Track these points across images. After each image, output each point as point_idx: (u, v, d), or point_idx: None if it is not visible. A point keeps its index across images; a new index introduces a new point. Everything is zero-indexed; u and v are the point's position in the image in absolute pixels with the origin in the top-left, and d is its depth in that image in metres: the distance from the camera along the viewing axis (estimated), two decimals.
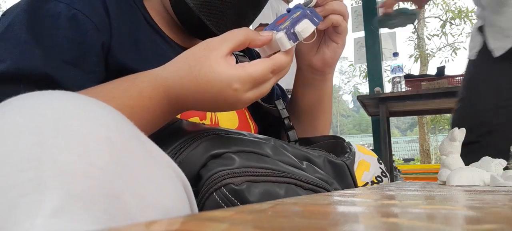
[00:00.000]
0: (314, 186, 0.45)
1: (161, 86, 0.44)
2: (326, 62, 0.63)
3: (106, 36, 0.52)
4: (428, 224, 0.17)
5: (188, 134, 0.45)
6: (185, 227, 0.16)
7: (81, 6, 0.50)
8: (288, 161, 0.46)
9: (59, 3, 0.49)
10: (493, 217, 0.20)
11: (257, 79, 0.43)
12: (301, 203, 0.25)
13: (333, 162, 0.52)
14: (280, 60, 0.45)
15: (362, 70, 9.48)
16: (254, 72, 0.43)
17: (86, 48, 0.49)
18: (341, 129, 31.98)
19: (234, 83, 0.42)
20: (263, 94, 0.46)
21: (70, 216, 0.19)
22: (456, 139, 0.61)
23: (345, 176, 0.53)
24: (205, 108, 0.46)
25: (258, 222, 0.17)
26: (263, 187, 0.41)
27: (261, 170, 0.42)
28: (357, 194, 0.36)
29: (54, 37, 0.47)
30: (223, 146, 0.43)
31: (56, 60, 0.46)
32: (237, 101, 0.44)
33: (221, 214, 0.20)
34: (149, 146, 0.28)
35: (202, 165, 0.42)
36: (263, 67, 0.43)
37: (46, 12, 0.48)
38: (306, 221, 0.18)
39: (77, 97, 0.26)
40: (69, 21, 0.48)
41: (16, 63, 0.44)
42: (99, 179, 0.21)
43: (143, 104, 0.43)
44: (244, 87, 0.43)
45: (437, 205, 0.26)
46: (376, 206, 0.25)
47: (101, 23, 0.51)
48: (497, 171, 0.57)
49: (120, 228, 0.16)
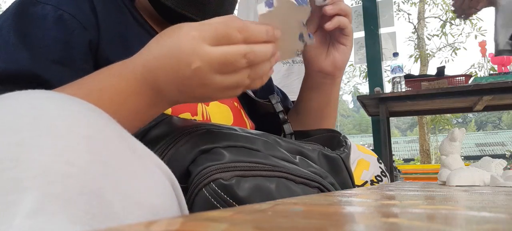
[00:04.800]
0: (306, 179, 0.44)
1: (132, 60, 0.41)
2: (336, 65, 0.64)
3: (93, 35, 0.52)
4: (428, 224, 0.17)
5: (178, 129, 0.44)
6: (185, 227, 0.16)
7: (67, 6, 0.51)
8: (280, 155, 0.45)
9: (46, 5, 0.50)
10: (493, 217, 0.20)
11: (217, 29, 0.38)
12: (301, 203, 0.25)
13: (328, 155, 0.51)
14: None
15: (362, 70, 9.48)
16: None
17: (73, 47, 0.50)
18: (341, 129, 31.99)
19: (191, 30, 0.38)
20: (238, 85, 0.41)
21: (49, 217, 0.19)
22: (456, 139, 0.61)
23: (340, 169, 0.52)
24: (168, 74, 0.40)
25: (258, 222, 0.17)
26: (253, 182, 0.40)
27: (251, 164, 0.41)
28: (357, 194, 0.36)
29: (41, 38, 0.48)
30: (213, 141, 0.42)
31: (45, 60, 0.47)
32: (193, 53, 0.38)
33: (221, 214, 0.20)
34: (133, 144, 0.28)
35: (191, 161, 0.41)
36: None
37: (33, 15, 0.49)
38: (306, 221, 0.18)
39: (56, 97, 0.25)
40: (56, 21, 0.49)
41: (5, 65, 0.45)
42: (79, 178, 0.21)
43: (111, 84, 0.41)
44: (201, 35, 0.38)
45: (437, 205, 0.26)
46: (376, 206, 0.25)
47: (87, 22, 0.52)
48: (497, 171, 0.57)
49: (120, 228, 0.16)
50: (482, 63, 2.69)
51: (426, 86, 2.44)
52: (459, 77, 2.44)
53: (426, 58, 9.58)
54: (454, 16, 1.71)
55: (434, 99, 2.30)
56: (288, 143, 0.49)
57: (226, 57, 0.38)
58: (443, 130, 11.98)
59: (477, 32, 8.67)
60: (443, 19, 9.63)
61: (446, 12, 9.51)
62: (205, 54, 0.38)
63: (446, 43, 9.96)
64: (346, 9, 0.58)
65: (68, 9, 0.50)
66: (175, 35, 0.39)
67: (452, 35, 9.79)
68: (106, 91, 0.40)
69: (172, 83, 0.40)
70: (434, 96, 2.26)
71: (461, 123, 27.44)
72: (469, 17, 1.34)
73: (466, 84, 2.29)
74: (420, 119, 9.13)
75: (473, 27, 8.71)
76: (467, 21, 8.88)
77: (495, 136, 24.54)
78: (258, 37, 0.40)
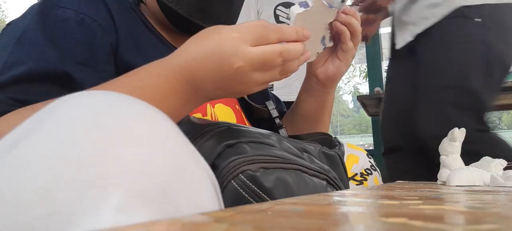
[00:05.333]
0: (317, 172, 0.47)
1: (166, 61, 0.44)
2: (328, 76, 0.65)
3: (113, 38, 0.54)
4: (428, 224, 0.17)
5: (199, 126, 0.46)
6: (185, 228, 0.16)
7: (88, 11, 0.52)
8: (291, 151, 0.48)
9: (66, 9, 0.51)
10: (493, 217, 0.20)
11: (256, 30, 0.42)
12: (301, 203, 0.26)
13: (327, 153, 0.55)
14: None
15: (362, 70, 9.47)
16: (252, 22, 0.43)
17: (96, 49, 0.51)
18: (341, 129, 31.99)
19: (231, 32, 0.42)
20: (271, 80, 0.45)
21: (133, 213, 0.20)
22: (456, 139, 0.61)
23: (337, 165, 0.56)
24: (209, 75, 0.43)
25: (258, 222, 0.17)
26: (275, 174, 0.42)
27: (271, 158, 0.44)
28: (357, 194, 0.36)
29: (66, 40, 0.49)
30: (235, 137, 0.45)
31: (71, 61, 0.49)
32: (235, 54, 0.42)
33: (221, 214, 0.20)
34: (193, 148, 0.29)
35: (217, 155, 0.43)
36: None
37: (56, 18, 0.50)
38: (306, 221, 0.18)
39: (129, 99, 0.27)
40: (78, 25, 0.51)
41: (37, 64, 0.46)
42: (157, 178, 0.22)
43: (152, 83, 0.43)
44: (242, 36, 0.42)
45: (437, 205, 0.26)
46: (376, 206, 0.25)
47: (107, 26, 0.53)
48: (497, 171, 0.57)
49: (121, 228, 0.16)
50: None
51: None
52: None
53: None
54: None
55: None
56: (292, 142, 0.52)
57: (265, 56, 0.42)
58: None
59: None
60: None
61: None
62: (247, 54, 0.42)
63: None
64: (355, 28, 0.59)
65: (89, 13, 0.52)
66: (215, 37, 0.42)
67: None
68: (147, 90, 0.42)
69: (211, 81, 0.43)
70: None
71: None
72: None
73: None
74: None
75: None
76: None
77: None
78: (290, 37, 0.45)
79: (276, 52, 0.43)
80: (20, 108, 0.43)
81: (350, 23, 0.58)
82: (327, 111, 0.73)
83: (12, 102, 0.43)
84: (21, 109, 0.43)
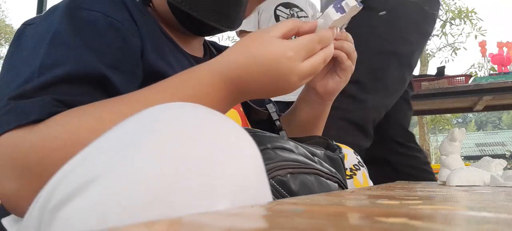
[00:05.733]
0: (331, 175, 0.51)
1: (217, 70, 0.46)
2: (327, 90, 0.68)
3: (138, 41, 0.54)
4: (428, 224, 0.17)
5: None
6: (185, 228, 0.16)
7: (114, 14, 0.52)
8: (307, 155, 0.51)
9: (92, 11, 0.50)
10: (493, 217, 0.20)
11: (307, 46, 0.47)
12: (301, 203, 0.26)
13: (331, 156, 0.58)
14: (324, 32, 0.50)
15: None
16: (303, 40, 0.47)
17: (127, 53, 0.51)
18: None
19: (287, 51, 0.46)
20: (315, 68, 0.49)
21: None
22: (456, 139, 0.61)
23: (340, 168, 0.59)
24: (261, 87, 0.48)
25: (258, 222, 0.17)
26: (299, 178, 0.46)
27: (294, 163, 0.47)
28: (357, 194, 0.36)
29: (98, 42, 0.49)
30: (262, 143, 0.47)
31: (105, 64, 0.48)
32: (291, 72, 0.46)
33: (221, 214, 0.20)
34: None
35: None
36: (310, 37, 0.48)
37: (84, 20, 0.49)
38: (306, 221, 0.18)
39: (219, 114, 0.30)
40: (108, 28, 0.50)
41: (76, 66, 0.45)
42: (251, 192, 0.25)
43: (205, 92, 0.46)
44: (297, 55, 0.47)
45: (437, 205, 0.26)
46: (376, 206, 0.25)
47: (133, 29, 0.53)
48: (497, 171, 0.57)
49: (120, 228, 0.16)
50: (482, 63, 2.69)
51: (426, 86, 2.43)
52: (459, 77, 2.43)
53: (426, 58, 9.57)
54: None
55: (434, 99, 2.30)
56: (301, 146, 0.55)
57: (314, 68, 0.49)
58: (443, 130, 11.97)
59: (477, 32, 8.66)
60: (443, 19, 9.62)
61: (446, 12, 9.50)
62: (301, 71, 0.47)
63: (446, 43, 9.95)
64: (348, 49, 0.63)
65: (116, 16, 0.51)
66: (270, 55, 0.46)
67: (452, 35, 9.76)
68: (199, 99, 0.45)
69: (262, 90, 0.49)
70: (434, 96, 2.26)
71: (461, 123, 27.43)
72: None
73: (466, 84, 2.28)
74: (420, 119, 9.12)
75: (473, 27, 8.70)
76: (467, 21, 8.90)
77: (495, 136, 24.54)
78: (329, 42, 0.51)
79: (322, 61, 0.50)
80: (67, 110, 0.42)
81: (342, 46, 0.62)
82: (322, 121, 0.76)
83: (56, 103, 0.43)
84: (69, 111, 0.42)
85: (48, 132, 0.40)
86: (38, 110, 0.41)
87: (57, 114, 0.42)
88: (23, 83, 0.43)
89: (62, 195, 0.27)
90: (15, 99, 0.42)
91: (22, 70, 0.45)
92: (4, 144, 0.40)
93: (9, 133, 0.40)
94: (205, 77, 0.46)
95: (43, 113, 0.41)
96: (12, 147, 0.40)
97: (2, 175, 0.40)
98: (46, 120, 0.41)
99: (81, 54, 0.47)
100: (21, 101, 0.42)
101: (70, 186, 0.27)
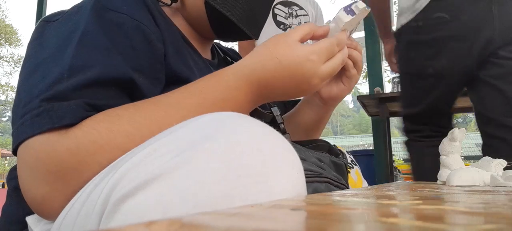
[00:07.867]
0: (339, 183, 0.53)
1: (244, 74, 0.48)
2: (331, 96, 0.69)
3: (161, 45, 0.54)
4: (428, 224, 0.17)
5: None
6: (185, 228, 0.16)
7: (140, 17, 0.51)
8: (317, 163, 0.53)
9: (118, 13, 0.50)
10: (493, 217, 0.20)
11: (328, 49, 0.51)
12: (301, 203, 0.26)
13: (336, 162, 0.60)
14: (341, 35, 0.53)
15: (362, 70, 9.46)
16: (324, 43, 0.50)
17: (152, 57, 0.51)
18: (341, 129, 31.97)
19: (310, 55, 0.49)
20: (334, 70, 0.52)
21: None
22: (456, 139, 0.61)
23: (343, 173, 0.61)
24: (285, 90, 0.50)
25: (258, 222, 0.17)
26: (312, 187, 0.48)
27: (308, 172, 0.48)
28: (357, 194, 0.36)
29: (125, 45, 0.48)
30: None
31: (132, 68, 0.48)
32: (314, 75, 0.49)
33: (221, 214, 0.20)
34: None
35: None
36: (329, 40, 0.51)
37: (111, 21, 0.49)
38: (306, 221, 0.18)
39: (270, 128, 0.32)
40: (134, 30, 0.50)
41: (106, 69, 0.45)
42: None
43: (233, 96, 0.48)
44: (320, 58, 0.50)
45: (437, 205, 0.26)
46: (376, 206, 0.25)
47: (156, 33, 0.53)
48: (497, 171, 0.57)
49: (120, 228, 0.16)
50: None
51: None
52: None
53: None
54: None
55: None
56: (309, 152, 0.57)
57: (334, 70, 0.52)
58: None
59: None
60: None
61: None
62: (323, 73, 0.51)
63: None
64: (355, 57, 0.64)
65: (141, 19, 0.51)
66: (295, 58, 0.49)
67: None
68: (228, 102, 0.48)
69: (285, 93, 0.51)
70: None
71: (461, 123, 27.43)
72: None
73: None
74: None
75: None
76: None
77: None
78: (344, 44, 0.54)
79: (340, 62, 0.53)
80: (96, 114, 0.42)
81: (350, 54, 0.63)
82: (323, 124, 0.77)
83: (88, 107, 0.42)
84: (101, 115, 0.42)
85: (84, 137, 0.40)
86: (71, 114, 0.41)
87: (88, 118, 0.42)
88: (53, 83, 0.43)
89: (126, 190, 0.29)
90: (48, 101, 0.41)
91: (50, 70, 0.44)
92: (36, 147, 0.40)
93: (40, 135, 0.40)
94: (232, 81, 0.48)
95: (76, 117, 0.41)
96: (45, 151, 0.39)
97: (35, 178, 0.40)
98: (78, 124, 0.41)
99: (110, 57, 0.46)
100: (55, 103, 0.41)
101: (133, 182, 0.29)
